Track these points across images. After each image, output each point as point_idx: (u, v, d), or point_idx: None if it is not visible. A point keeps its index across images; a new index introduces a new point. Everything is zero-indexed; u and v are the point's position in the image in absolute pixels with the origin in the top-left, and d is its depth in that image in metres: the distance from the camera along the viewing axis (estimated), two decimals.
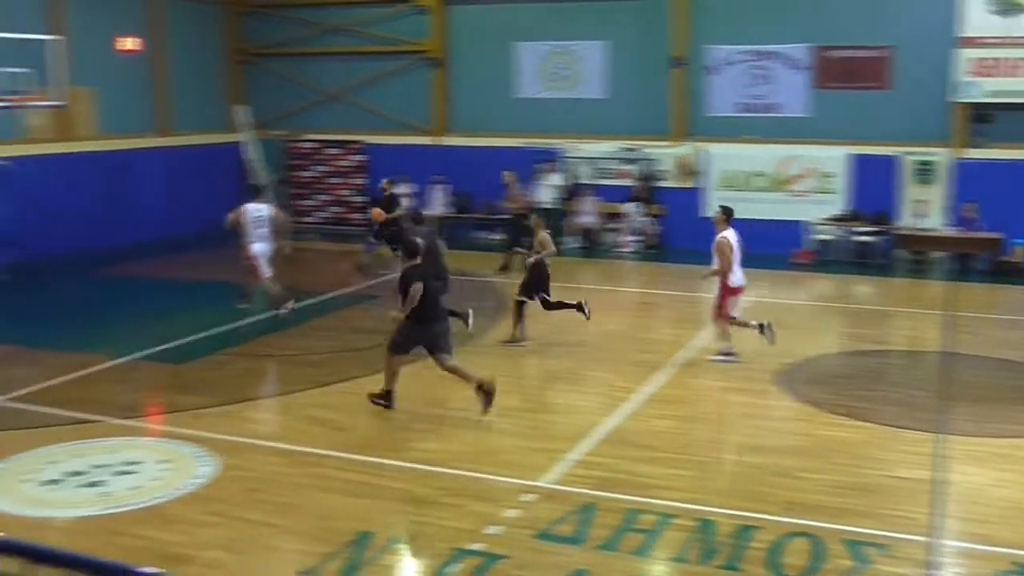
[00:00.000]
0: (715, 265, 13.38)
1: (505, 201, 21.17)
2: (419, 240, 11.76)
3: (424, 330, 11.06)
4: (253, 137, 26.62)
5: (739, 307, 13.58)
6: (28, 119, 19.70)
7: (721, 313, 13.46)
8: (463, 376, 11.09)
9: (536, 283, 14.39)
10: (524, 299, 14.38)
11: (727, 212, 13.59)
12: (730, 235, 13.34)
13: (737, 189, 22.56)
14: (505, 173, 21.34)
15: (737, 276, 13.36)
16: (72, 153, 21.98)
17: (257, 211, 15.74)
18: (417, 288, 10.85)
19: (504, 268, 19.89)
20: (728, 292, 13.33)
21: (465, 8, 25.22)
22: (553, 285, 14.49)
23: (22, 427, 10.82)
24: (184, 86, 25.48)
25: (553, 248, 14.64)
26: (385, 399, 11.20)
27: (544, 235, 14.55)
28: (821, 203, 22.26)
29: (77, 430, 10.62)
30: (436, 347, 11.15)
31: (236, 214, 15.65)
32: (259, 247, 15.57)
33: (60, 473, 9.39)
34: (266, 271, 15.64)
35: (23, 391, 12.12)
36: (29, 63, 18.19)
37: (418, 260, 11.30)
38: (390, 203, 19.34)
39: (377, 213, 19.21)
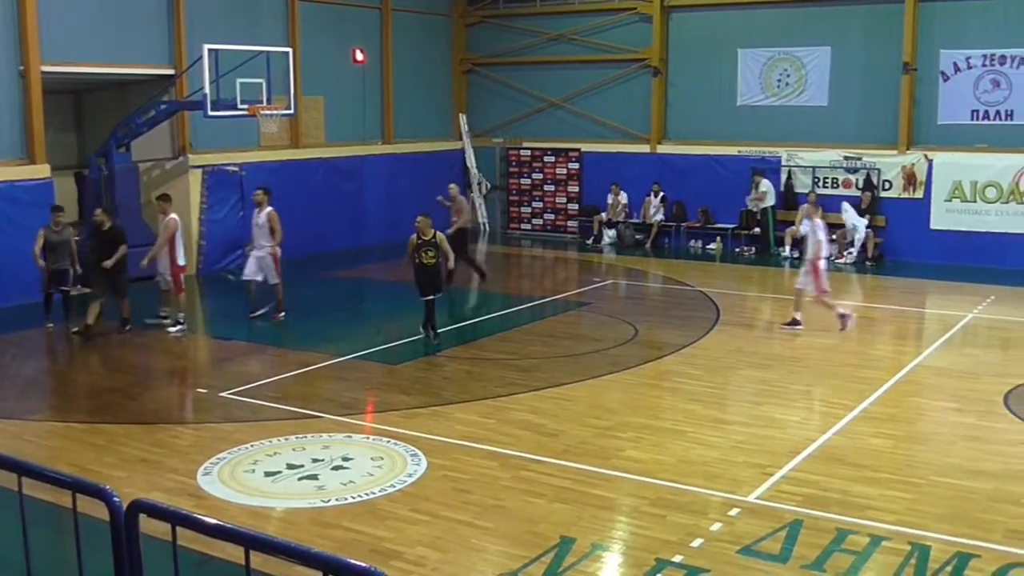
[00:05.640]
0: (160, 241, 16.01)
1: (452, 215, 20.07)
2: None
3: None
4: (472, 145, 27.29)
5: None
6: (262, 127, 20.67)
7: (178, 286, 16.13)
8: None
9: None
10: None
11: (167, 197, 16.57)
12: (176, 217, 16.15)
13: (967, 200, 21.55)
14: (451, 187, 20.98)
15: (181, 255, 16.13)
16: (301, 160, 23.01)
17: None
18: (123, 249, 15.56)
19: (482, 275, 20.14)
20: (177, 269, 16.00)
21: (686, 15, 25.03)
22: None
23: (249, 420, 11.44)
24: (409, 95, 26.28)
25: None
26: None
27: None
28: None
29: (298, 424, 11.14)
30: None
31: None
32: None
33: (281, 465, 9.86)
34: None
35: (252, 385, 12.85)
36: (261, 74, 19.12)
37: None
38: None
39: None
